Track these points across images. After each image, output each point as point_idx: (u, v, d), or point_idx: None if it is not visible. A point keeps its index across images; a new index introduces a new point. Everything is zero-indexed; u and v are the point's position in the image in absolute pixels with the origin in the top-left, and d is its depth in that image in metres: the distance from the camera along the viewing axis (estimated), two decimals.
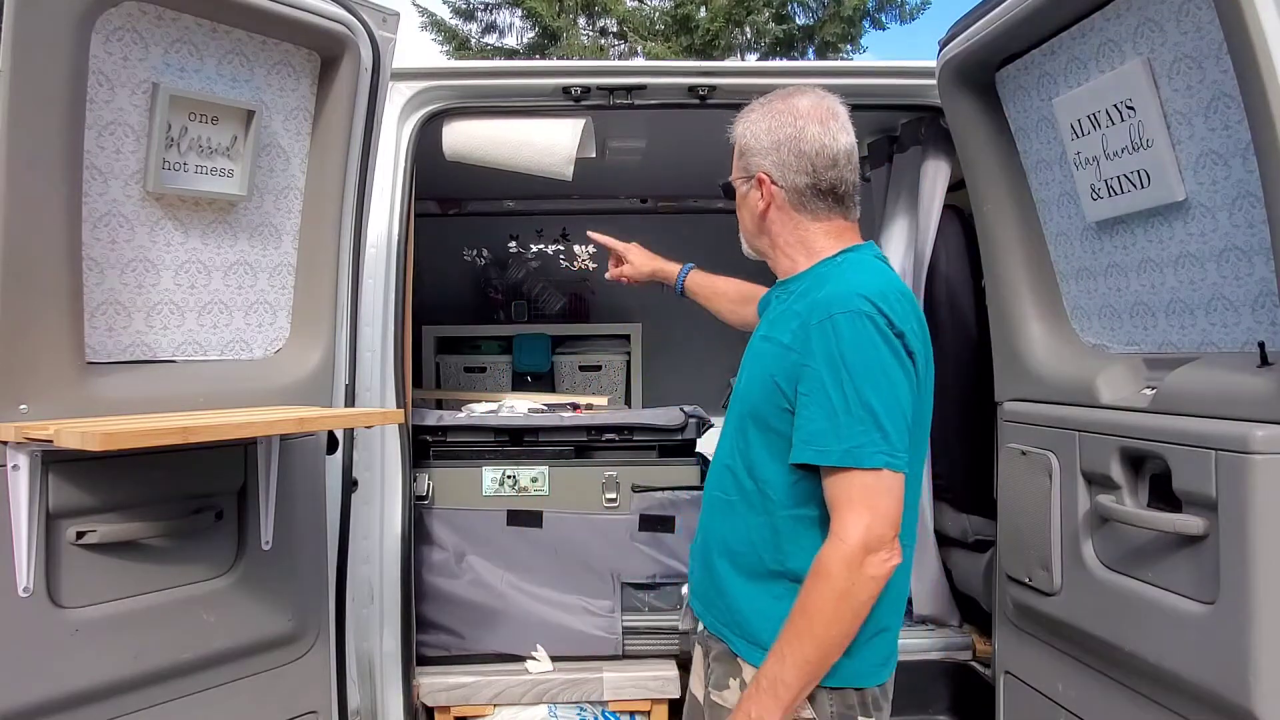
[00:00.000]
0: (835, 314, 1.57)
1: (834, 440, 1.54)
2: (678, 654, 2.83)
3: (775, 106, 1.78)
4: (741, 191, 1.83)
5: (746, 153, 1.79)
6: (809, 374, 1.58)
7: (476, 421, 2.89)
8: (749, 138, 1.79)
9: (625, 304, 5.04)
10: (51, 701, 1.71)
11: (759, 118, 1.79)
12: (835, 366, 1.55)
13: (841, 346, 1.56)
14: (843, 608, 1.52)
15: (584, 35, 16.03)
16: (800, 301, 1.69)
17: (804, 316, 1.63)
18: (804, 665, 1.54)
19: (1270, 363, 1.63)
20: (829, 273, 1.71)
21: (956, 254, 2.88)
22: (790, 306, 1.72)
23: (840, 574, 1.51)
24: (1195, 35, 1.72)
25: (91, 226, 1.81)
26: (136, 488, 1.82)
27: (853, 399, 1.54)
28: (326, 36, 2.07)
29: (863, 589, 1.52)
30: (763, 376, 1.68)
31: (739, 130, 1.82)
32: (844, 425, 1.53)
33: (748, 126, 1.80)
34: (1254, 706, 1.58)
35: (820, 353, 1.57)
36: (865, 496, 1.53)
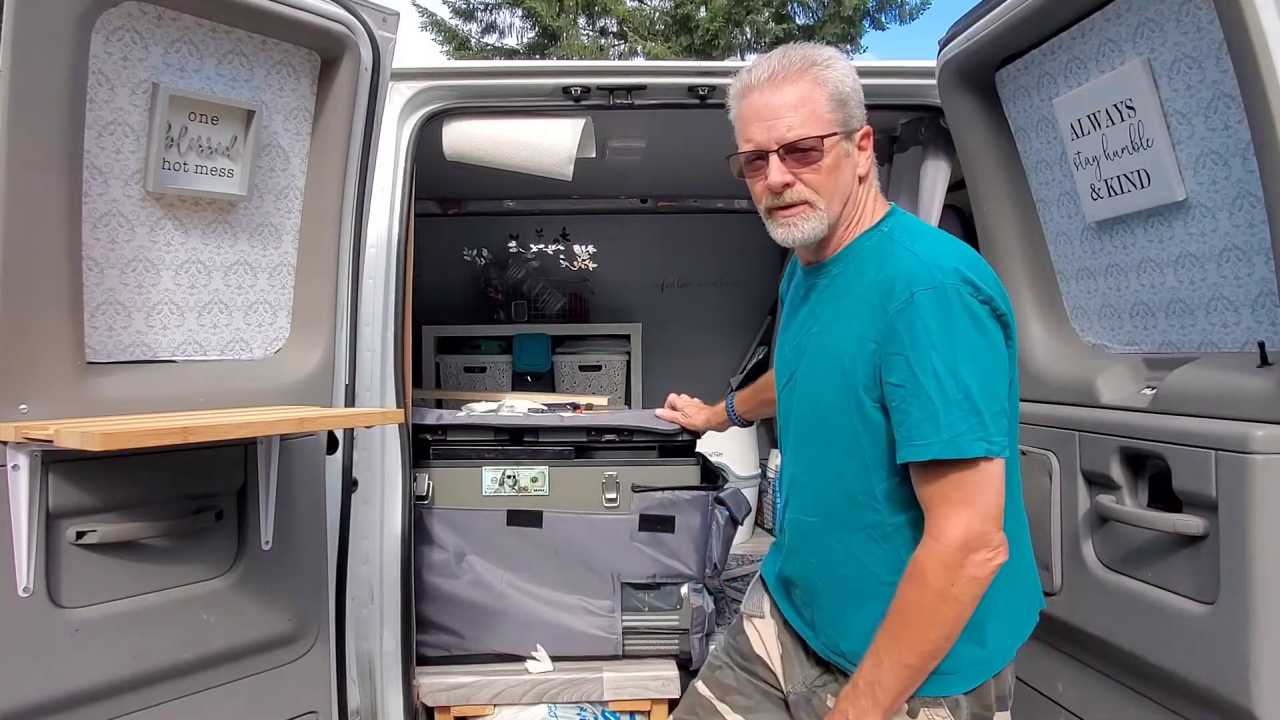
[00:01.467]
0: (916, 292, 1.45)
1: (933, 431, 1.42)
2: (678, 654, 2.83)
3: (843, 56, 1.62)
4: (842, 149, 1.58)
5: (847, 102, 1.58)
6: (897, 363, 1.46)
7: (476, 421, 2.89)
8: (847, 86, 1.58)
9: (625, 304, 5.05)
10: (51, 701, 1.71)
11: (844, 66, 1.58)
12: (924, 350, 1.44)
13: (930, 325, 1.44)
14: (943, 611, 1.42)
15: (584, 35, 16.03)
16: (855, 282, 1.57)
17: (874, 300, 1.51)
18: (903, 669, 1.45)
19: (1270, 363, 1.63)
20: (883, 246, 1.58)
21: None
22: (843, 289, 1.60)
23: (939, 576, 1.41)
24: (1195, 35, 1.72)
25: (91, 226, 1.81)
26: (136, 488, 1.82)
27: (948, 382, 1.42)
28: (326, 36, 2.07)
29: (964, 591, 1.42)
30: (837, 377, 1.56)
31: (833, 76, 1.57)
32: (943, 412, 1.42)
33: (840, 72, 1.57)
34: (1254, 706, 1.58)
35: (906, 338, 1.45)
36: (963, 491, 1.43)
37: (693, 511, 2.82)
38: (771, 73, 1.57)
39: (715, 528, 2.84)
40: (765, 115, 1.56)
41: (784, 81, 1.56)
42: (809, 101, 1.55)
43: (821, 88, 1.56)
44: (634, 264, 5.09)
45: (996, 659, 1.59)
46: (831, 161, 1.57)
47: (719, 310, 4.75)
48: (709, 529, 2.83)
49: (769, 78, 1.57)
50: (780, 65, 1.57)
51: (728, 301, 4.75)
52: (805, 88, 1.55)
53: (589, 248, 5.17)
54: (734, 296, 4.75)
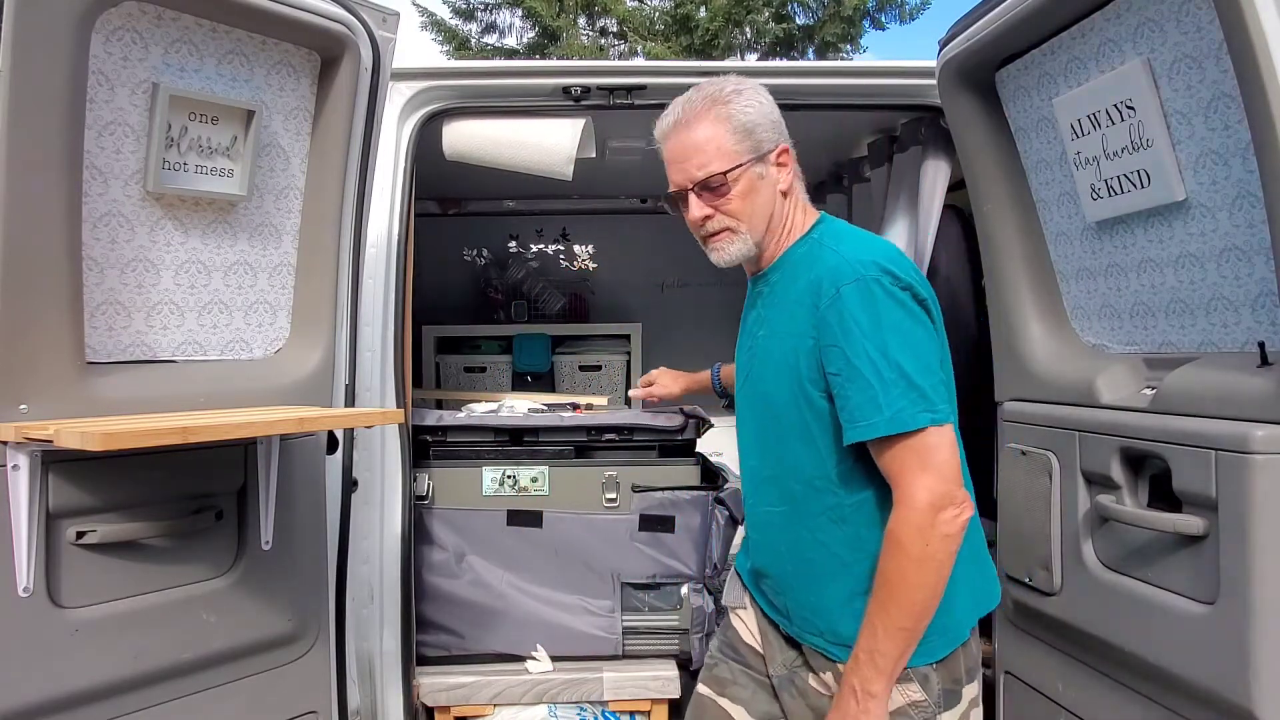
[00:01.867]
0: (842, 287, 1.57)
1: (874, 411, 1.52)
2: (678, 654, 2.83)
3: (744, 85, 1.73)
4: (754, 174, 1.69)
5: (754, 128, 1.69)
6: (833, 354, 1.57)
7: (476, 421, 2.89)
8: (753, 114, 1.69)
9: (625, 304, 5.05)
10: (51, 701, 1.71)
11: (745, 96, 1.71)
12: (856, 338, 1.55)
13: (857, 315, 1.55)
14: (924, 572, 1.51)
15: (584, 35, 16.03)
16: (791, 287, 1.70)
17: (807, 300, 1.63)
18: (898, 633, 1.53)
19: (1270, 363, 1.63)
20: (812, 252, 1.71)
21: (956, 254, 2.88)
22: (781, 294, 1.72)
23: (914, 540, 1.50)
24: (1195, 35, 1.72)
25: (91, 226, 1.81)
26: (136, 488, 1.82)
27: (881, 364, 1.53)
28: (326, 36, 2.07)
29: (939, 549, 1.50)
30: (785, 374, 1.67)
31: (735, 110, 1.69)
32: (881, 393, 1.52)
33: (745, 103, 1.70)
34: (1254, 706, 1.58)
35: (838, 329, 1.56)
36: (920, 458, 1.51)
37: (693, 511, 2.82)
38: (678, 117, 1.71)
39: (715, 528, 2.84)
40: (679, 157, 1.70)
41: (690, 124, 1.69)
42: (713, 140, 1.67)
43: (724, 124, 1.68)
44: (634, 264, 5.09)
45: (962, 628, 1.67)
46: (743, 189, 1.69)
47: (719, 310, 4.75)
48: (709, 529, 2.83)
49: (676, 122, 1.71)
50: (685, 109, 1.71)
51: (728, 301, 4.74)
52: (708, 128, 1.68)
53: (589, 248, 5.17)
54: (734, 296, 4.73)
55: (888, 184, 3.24)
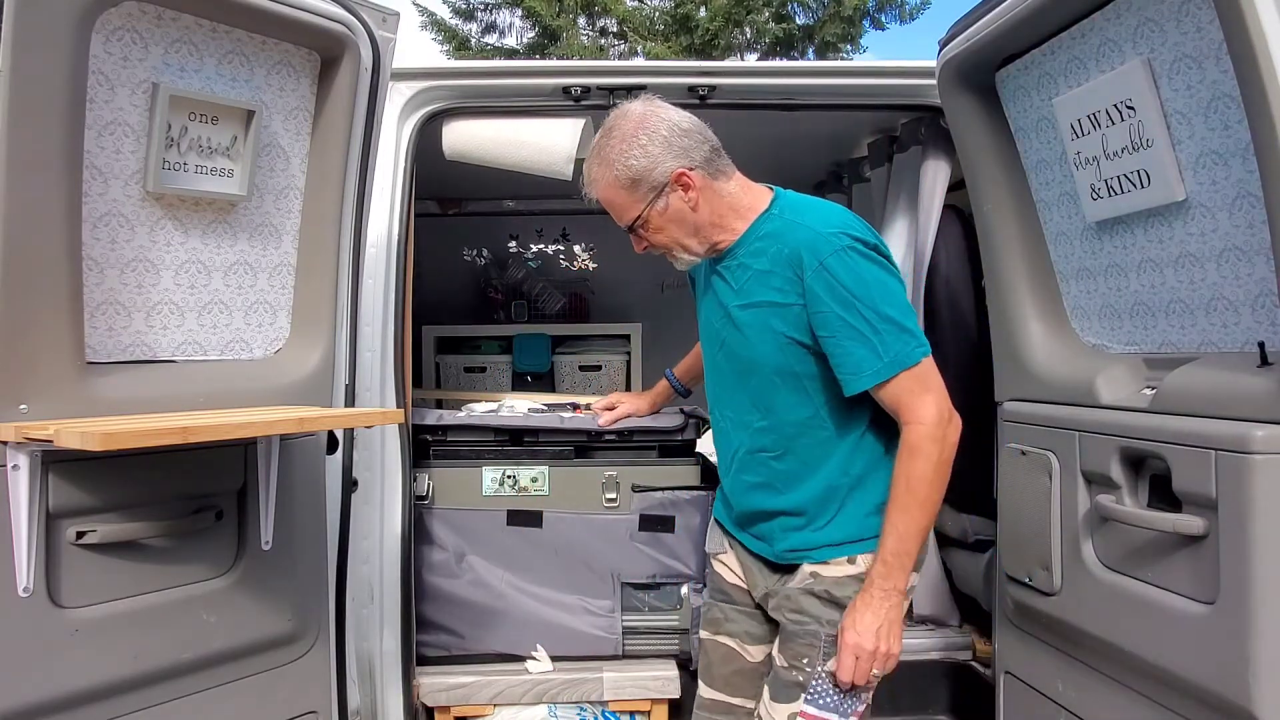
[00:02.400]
0: (825, 258, 1.77)
1: (876, 359, 1.76)
2: (678, 654, 2.83)
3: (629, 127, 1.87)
4: (659, 209, 1.88)
5: (645, 177, 1.86)
6: (825, 318, 1.78)
7: (476, 421, 2.89)
8: (639, 165, 1.86)
9: (625, 304, 5.04)
10: (51, 701, 1.71)
11: (627, 146, 1.86)
12: (847, 301, 1.76)
13: (844, 282, 1.76)
14: (941, 474, 1.77)
15: (584, 35, 16.02)
16: (762, 259, 1.87)
17: (786, 271, 1.82)
18: (920, 533, 1.78)
19: (1270, 363, 1.63)
20: (779, 227, 1.88)
21: (956, 254, 2.88)
22: (756, 267, 1.88)
23: (932, 449, 1.75)
24: (1195, 35, 1.72)
25: (91, 226, 1.81)
26: (136, 488, 1.82)
27: (874, 319, 1.75)
28: (326, 36, 2.07)
29: (950, 453, 1.78)
30: (769, 337, 1.86)
31: (620, 170, 1.86)
32: (878, 343, 1.75)
33: (629, 160, 1.86)
34: (1253, 707, 1.58)
35: (828, 296, 1.77)
36: (922, 384, 1.78)
37: (693, 511, 2.82)
38: (589, 178, 1.93)
39: None
40: (607, 209, 1.96)
41: (595, 185, 1.93)
42: (614, 198, 1.91)
43: (615, 183, 1.88)
44: (634, 264, 5.06)
45: None
46: (657, 224, 1.90)
47: None
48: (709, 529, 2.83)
49: (589, 183, 1.94)
50: (590, 170, 1.92)
51: None
52: (607, 190, 1.91)
53: (589, 248, 5.17)
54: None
55: (888, 184, 3.24)
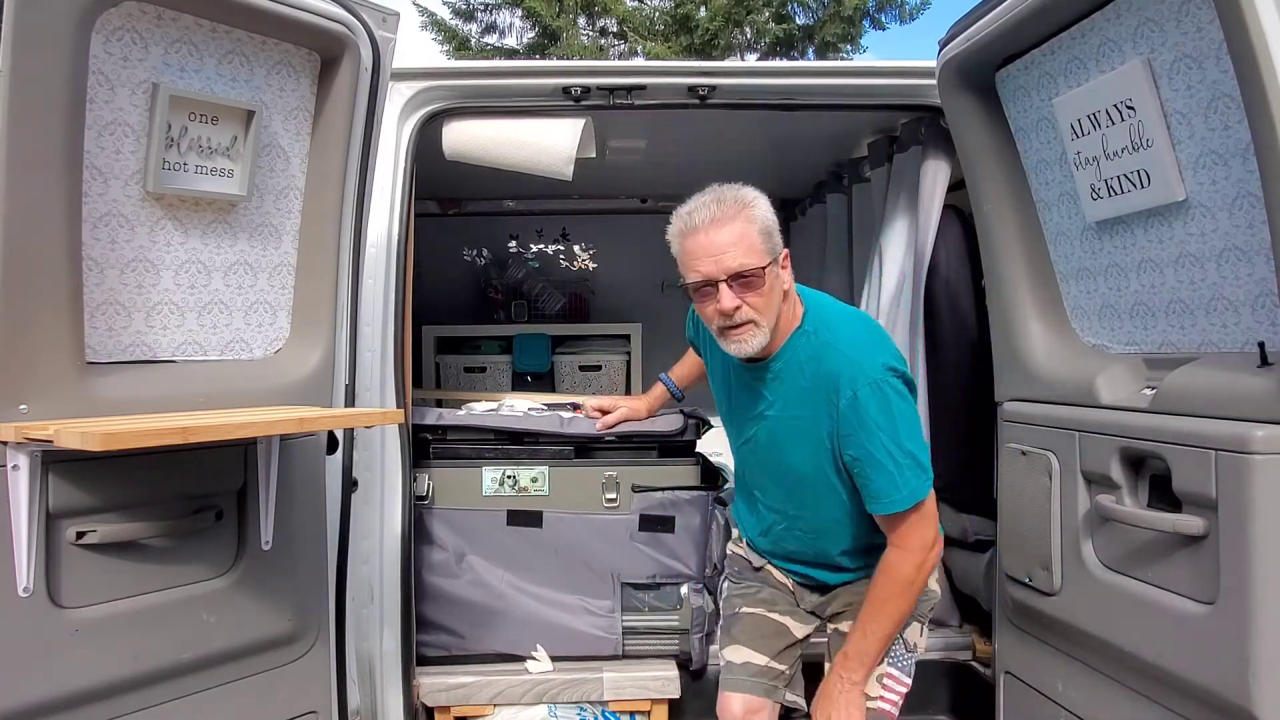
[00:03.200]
0: (858, 390, 1.92)
1: (895, 490, 1.94)
2: (678, 654, 2.83)
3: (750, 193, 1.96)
4: (774, 274, 1.94)
5: (772, 231, 1.94)
6: (854, 443, 1.95)
7: (476, 421, 2.89)
8: (770, 218, 1.95)
9: (625, 304, 5.05)
10: (51, 701, 1.71)
11: (764, 200, 1.96)
12: (874, 433, 1.92)
13: (875, 416, 1.92)
14: (913, 593, 2.01)
15: (584, 35, 16.02)
16: (800, 378, 2.01)
17: (822, 393, 1.97)
18: (884, 639, 2.02)
19: (1270, 363, 1.63)
20: (817, 349, 2.00)
21: (956, 254, 2.88)
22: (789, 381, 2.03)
23: (916, 575, 1.98)
24: (1195, 35, 1.72)
25: (91, 226, 1.81)
26: (136, 488, 1.82)
27: (897, 454, 1.92)
28: (326, 36, 2.07)
29: (925, 578, 2.02)
30: (808, 448, 2.04)
31: (759, 214, 1.93)
32: (898, 475, 1.93)
33: (764, 209, 1.94)
34: (1253, 707, 1.58)
35: (858, 425, 1.93)
36: (921, 515, 1.97)
37: (692, 511, 2.82)
38: (712, 216, 1.91)
39: (715, 527, 2.84)
40: (712, 251, 1.90)
41: (723, 222, 1.90)
42: (746, 237, 1.90)
43: (753, 224, 1.92)
44: (634, 264, 5.09)
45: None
46: (769, 285, 1.93)
47: None
48: (709, 529, 2.83)
49: (711, 220, 1.91)
50: (719, 209, 1.91)
51: None
52: (741, 225, 1.91)
53: (589, 248, 5.17)
54: None
55: (888, 184, 3.23)
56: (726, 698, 2.18)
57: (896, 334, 3.01)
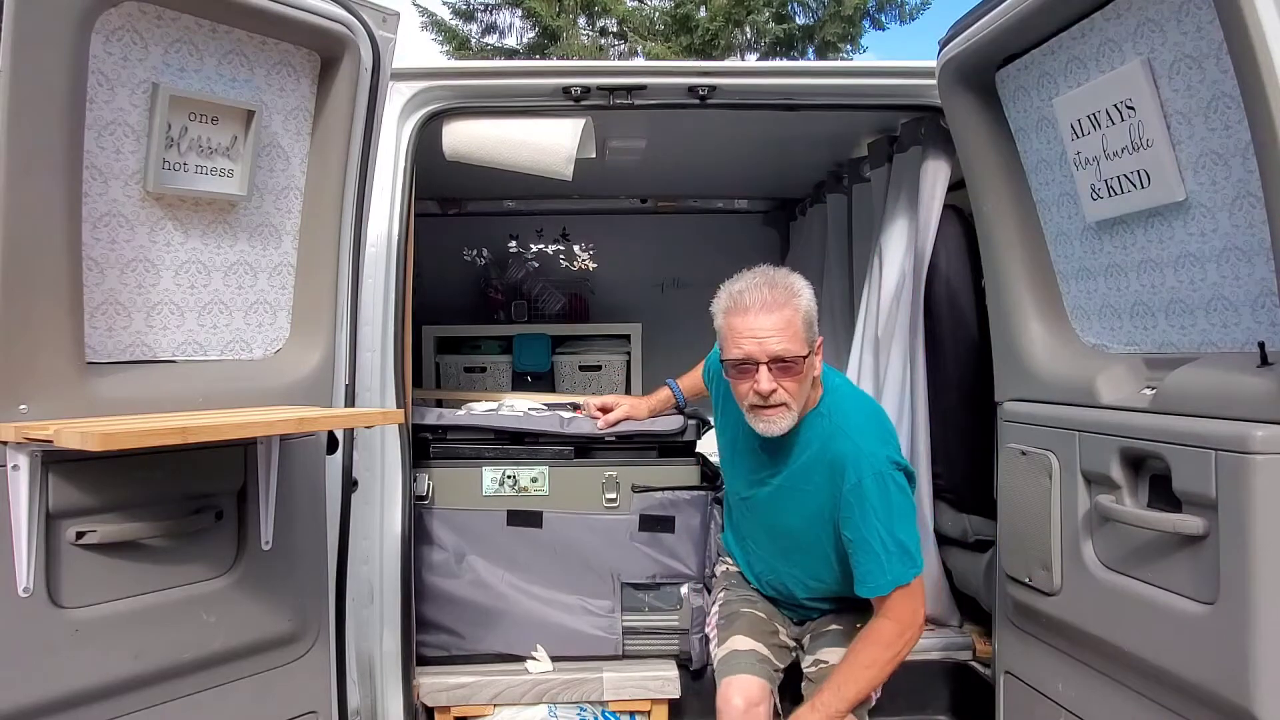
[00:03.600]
0: (863, 478, 2.06)
1: (882, 575, 2.07)
2: (678, 654, 2.83)
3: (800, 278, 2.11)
4: (811, 363, 2.08)
5: (814, 323, 2.08)
6: (851, 525, 2.09)
7: (476, 422, 2.89)
8: (813, 309, 2.08)
9: (625, 304, 5.05)
10: (51, 701, 1.71)
11: (809, 292, 2.09)
12: (870, 519, 2.06)
13: (875, 504, 2.06)
14: (892, 666, 2.11)
15: (584, 35, 16.01)
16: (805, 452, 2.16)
17: (827, 473, 2.12)
18: (854, 702, 2.09)
19: (1270, 363, 1.63)
20: (829, 431, 2.15)
21: (956, 254, 2.88)
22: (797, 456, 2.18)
23: (896, 645, 2.09)
24: (1195, 35, 1.72)
25: (91, 226, 1.81)
26: (136, 488, 1.82)
27: (889, 542, 2.05)
28: (326, 36, 2.07)
29: (904, 654, 2.11)
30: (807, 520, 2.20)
31: (804, 305, 2.06)
32: (885, 563, 2.06)
33: (808, 300, 2.08)
34: (1253, 707, 1.58)
35: (857, 508, 2.07)
36: (908, 598, 2.08)
37: (692, 511, 2.82)
38: (763, 301, 2.04)
39: (715, 527, 2.84)
40: (758, 334, 2.02)
41: (773, 308, 2.03)
42: (791, 325, 2.03)
43: (799, 314, 2.05)
44: (634, 264, 5.09)
45: None
46: (805, 372, 2.07)
47: None
48: (709, 529, 2.83)
49: (760, 304, 2.04)
50: (770, 295, 2.05)
51: None
52: (789, 314, 2.04)
53: (589, 248, 5.17)
54: None
55: (888, 184, 3.23)
56: (729, 682, 2.20)
57: (896, 334, 3.01)
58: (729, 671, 2.23)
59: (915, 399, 2.90)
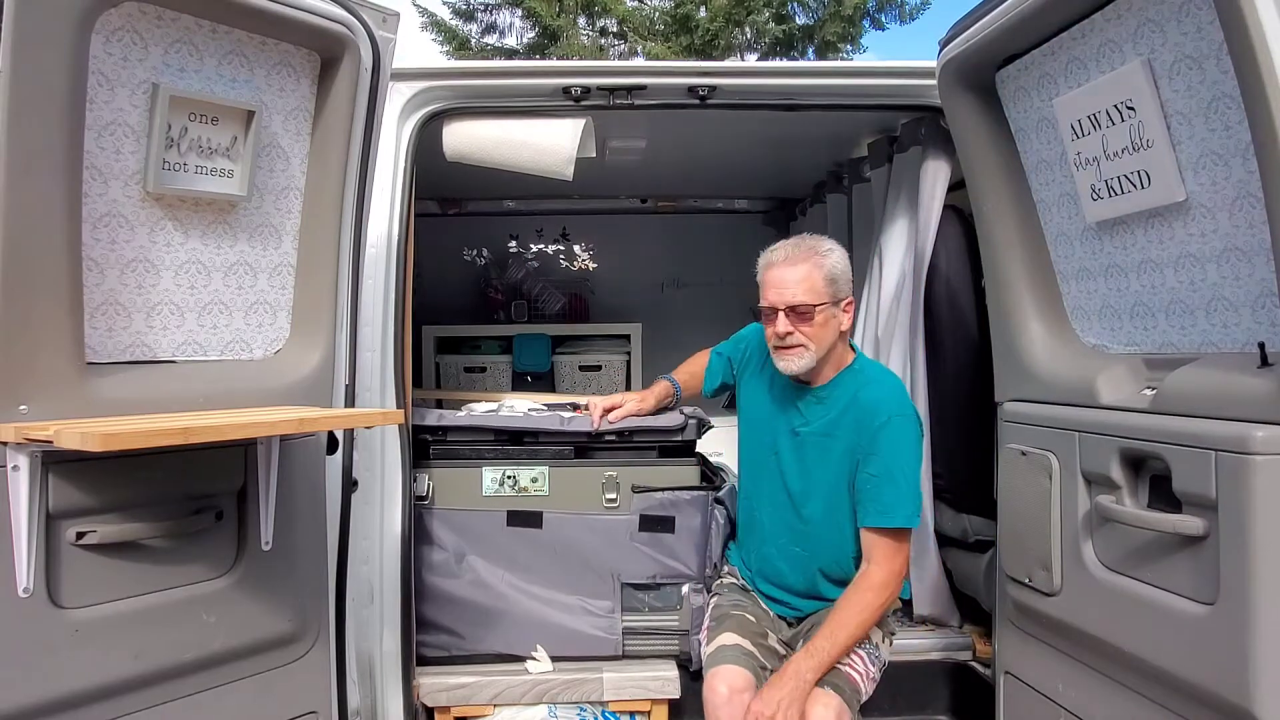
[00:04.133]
0: (893, 417, 2.26)
1: (902, 506, 2.23)
2: (678, 654, 2.83)
3: (835, 244, 2.34)
4: (830, 313, 2.30)
5: (838, 280, 2.30)
6: (877, 461, 2.25)
7: (476, 422, 2.89)
8: (839, 269, 2.31)
9: (625, 304, 5.05)
10: (51, 702, 1.71)
11: (839, 255, 2.33)
12: (900, 455, 2.25)
13: (903, 441, 2.26)
14: (879, 613, 2.27)
15: (584, 35, 16.00)
16: (842, 403, 2.34)
17: (857, 419, 2.29)
18: (845, 648, 2.22)
19: (1270, 363, 1.63)
20: (862, 383, 2.35)
21: (956, 254, 2.88)
22: (831, 407, 2.35)
23: (890, 591, 2.25)
24: (1195, 36, 1.72)
25: (91, 227, 1.81)
26: (136, 488, 1.82)
27: (912, 479, 2.25)
28: (326, 37, 2.07)
29: (889, 604, 2.29)
30: (833, 468, 2.34)
31: (827, 264, 2.29)
32: (907, 496, 2.23)
33: (834, 261, 2.31)
34: (1253, 707, 1.58)
35: (888, 444, 2.25)
36: (900, 544, 2.25)
37: (692, 511, 2.81)
38: (787, 256, 2.31)
39: (715, 528, 2.83)
40: (779, 285, 2.28)
41: (795, 262, 2.29)
42: (809, 279, 2.27)
43: (819, 270, 2.28)
44: (634, 264, 5.10)
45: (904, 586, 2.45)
46: (821, 320, 2.28)
47: (719, 310, 4.76)
48: (709, 529, 2.83)
49: (784, 259, 2.30)
50: (794, 251, 2.31)
51: (728, 301, 4.76)
52: (808, 269, 2.28)
53: (589, 248, 5.17)
54: (734, 296, 4.76)
55: (888, 184, 3.24)
56: (714, 672, 2.31)
57: (896, 334, 3.01)
58: (714, 663, 2.33)
59: (915, 399, 2.90)
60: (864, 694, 2.29)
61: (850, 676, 2.24)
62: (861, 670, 2.28)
